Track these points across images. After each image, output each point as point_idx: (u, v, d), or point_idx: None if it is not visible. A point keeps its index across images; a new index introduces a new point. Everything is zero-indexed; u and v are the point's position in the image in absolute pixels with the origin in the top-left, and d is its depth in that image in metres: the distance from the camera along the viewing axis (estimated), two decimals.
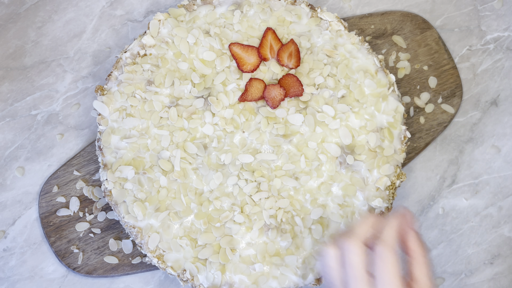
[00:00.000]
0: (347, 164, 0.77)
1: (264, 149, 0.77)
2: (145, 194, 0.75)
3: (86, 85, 0.87)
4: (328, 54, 0.79)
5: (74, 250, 0.82)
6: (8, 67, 0.87)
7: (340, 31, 0.80)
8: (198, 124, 0.77)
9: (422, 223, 0.85)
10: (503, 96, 0.88)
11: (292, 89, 0.77)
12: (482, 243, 0.84)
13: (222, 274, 0.74)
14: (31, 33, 0.88)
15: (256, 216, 0.75)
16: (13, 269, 0.83)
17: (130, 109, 0.77)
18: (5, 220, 0.84)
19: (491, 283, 0.83)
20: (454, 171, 0.86)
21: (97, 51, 0.88)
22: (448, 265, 0.84)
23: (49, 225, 0.82)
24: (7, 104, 0.86)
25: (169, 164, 0.76)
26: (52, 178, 0.83)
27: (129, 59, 0.78)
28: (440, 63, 0.86)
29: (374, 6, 0.89)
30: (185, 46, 0.78)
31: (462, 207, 0.85)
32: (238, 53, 0.78)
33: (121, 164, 0.76)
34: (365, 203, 0.76)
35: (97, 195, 0.83)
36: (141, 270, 0.82)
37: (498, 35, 0.89)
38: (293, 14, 0.80)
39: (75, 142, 0.86)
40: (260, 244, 0.75)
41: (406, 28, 0.87)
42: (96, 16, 0.89)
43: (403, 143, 0.78)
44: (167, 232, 0.75)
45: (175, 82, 0.78)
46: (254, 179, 0.76)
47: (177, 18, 0.79)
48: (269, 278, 0.75)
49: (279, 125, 0.77)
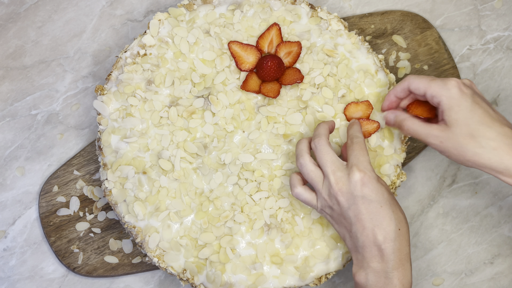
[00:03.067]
0: None
1: (264, 149, 0.77)
2: (145, 194, 0.75)
3: (86, 85, 0.87)
4: (328, 53, 0.79)
5: (74, 250, 0.82)
6: (8, 67, 0.87)
7: (340, 30, 0.80)
8: (198, 123, 0.77)
9: (422, 222, 0.85)
10: (503, 95, 0.88)
11: (293, 77, 0.77)
12: (482, 242, 0.84)
13: (222, 274, 0.74)
14: (31, 33, 0.88)
15: (256, 216, 0.75)
16: (13, 269, 0.83)
17: (130, 109, 0.77)
18: (5, 220, 0.84)
19: (491, 283, 0.83)
20: (454, 170, 0.86)
21: (97, 51, 0.88)
22: (448, 265, 0.84)
23: (49, 225, 0.82)
24: (7, 104, 0.86)
25: (169, 164, 0.76)
26: (52, 178, 0.83)
27: (129, 59, 0.78)
28: (440, 63, 0.86)
29: (374, 5, 0.89)
30: (185, 45, 0.78)
31: (462, 207, 0.85)
32: (237, 51, 0.78)
33: (121, 164, 0.76)
34: None
35: (97, 194, 0.83)
36: (141, 270, 0.82)
37: (498, 35, 0.89)
38: (293, 13, 0.80)
39: (75, 142, 0.86)
40: (260, 244, 0.75)
41: (406, 28, 0.87)
42: (96, 15, 0.89)
43: (403, 142, 0.78)
44: (167, 232, 0.75)
45: (175, 82, 0.77)
46: (254, 178, 0.76)
47: (177, 17, 0.79)
48: (269, 278, 0.75)
49: (279, 124, 0.77)
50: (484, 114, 0.65)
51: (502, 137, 0.64)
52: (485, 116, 0.65)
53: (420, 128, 0.69)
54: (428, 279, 0.83)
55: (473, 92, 0.68)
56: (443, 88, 0.67)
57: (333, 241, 0.75)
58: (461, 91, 0.67)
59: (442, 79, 0.68)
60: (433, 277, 0.83)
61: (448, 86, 0.67)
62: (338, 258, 0.75)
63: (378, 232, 0.65)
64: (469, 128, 0.65)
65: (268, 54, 0.78)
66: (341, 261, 0.75)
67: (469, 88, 0.68)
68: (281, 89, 0.78)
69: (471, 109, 0.65)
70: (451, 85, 0.67)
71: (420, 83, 0.69)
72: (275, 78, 0.77)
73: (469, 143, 0.65)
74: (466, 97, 0.66)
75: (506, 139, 0.64)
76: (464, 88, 0.67)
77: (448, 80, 0.68)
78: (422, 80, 0.69)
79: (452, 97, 0.66)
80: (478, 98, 0.67)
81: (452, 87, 0.67)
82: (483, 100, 0.68)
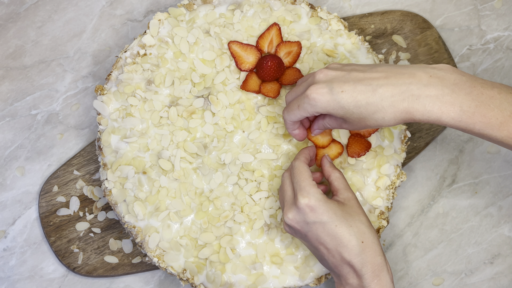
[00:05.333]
0: (347, 163, 0.77)
1: (264, 149, 0.77)
2: (145, 193, 0.75)
3: (86, 85, 0.87)
4: (328, 53, 0.79)
5: (74, 250, 0.82)
6: (8, 66, 0.87)
7: (340, 30, 0.80)
8: (198, 123, 0.77)
9: (422, 222, 0.85)
10: None
11: (293, 77, 0.77)
12: (482, 242, 0.84)
13: (222, 274, 0.74)
14: (31, 33, 0.88)
15: (256, 216, 0.75)
16: (13, 268, 0.83)
17: (130, 109, 0.77)
18: (5, 220, 0.84)
19: (491, 283, 0.83)
20: (454, 170, 0.86)
21: (97, 51, 0.88)
22: (448, 265, 0.84)
23: (49, 224, 0.82)
24: (7, 104, 0.86)
25: (169, 163, 0.76)
26: (52, 177, 0.83)
27: (129, 58, 0.78)
28: (440, 63, 0.86)
29: (374, 5, 0.89)
30: (185, 45, 0.78)
31: (462, 207, 0.85)
32: (237, 51, 0.78)
33: (121, 163, 0.76)
34: (365, 203, 0.76)
35: (97, 194, 0.83)
36: (141, 270, 0.82)
37: (498, 35, 0.89)
38: (293, 13, 0.80)
39: (75, 142, 0.86)
40: (260, 244, 0.75)
41: (406, 28, 0.87)
42: (96, 15, 0.89)
43: (403, 142, 0.78)
44: (167, 232, 0.75)
45: (175, 82, 0.77)
46: (254, 178, 0.76)
47: (177, 17, 0.79)
48: (269, 278, 0.75)
49: (279, 124, 0.77)
50: (354, 94, 0.62)
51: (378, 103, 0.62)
52: (355, 95, 0.62)
53: (333, 124, 0.68)
54: (428, 279, 0.83)
55: (331, 78, 0.65)
56: (310, 105, 0.65)
57: None
58: (320, 93, 0.64)
59: (302, 95, 0.66)
60: (433, 277, 0.83)
61: (310, 100, 0.64)
62: None
63: (342, 251, 0.64)
64: (354, 116, 0.63)
65: (268, 54, 0.78)
66: None
67: (328, 75, 0.65)
68: (281, 89, 0.78)
69: (339, 102, 0.63)
70: (311, 97, 0.64)
71: (294, 116, 0.67)
72: (275, 78, 0.77)
73: (365, 123, 0.64)
74: (327, 96, 0.63)
75: (383, 101, 0.61)
76: (320, 88, 0.64)
77: (307, 91, 0.65)
78: (294, 112, 0.67)
79: (321, 106, 0.64)
80: (339, 80, 0.64)
81: (313, 98, 0.64)
82: (346, 75, 0.64)
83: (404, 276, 0.83)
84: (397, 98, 0.61)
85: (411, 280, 0.83)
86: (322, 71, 0.66)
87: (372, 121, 0.63)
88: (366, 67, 0.65)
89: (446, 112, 0.60)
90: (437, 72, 0.62)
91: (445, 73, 0.62)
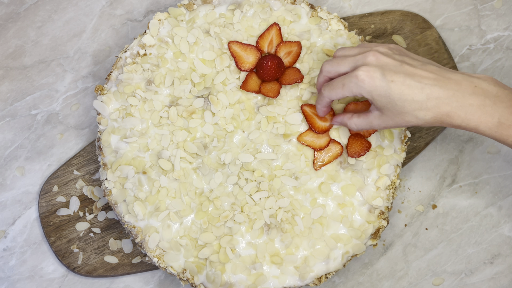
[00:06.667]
0: (347, 163, 0.77)
1: (264, 149, 0.77)
2: (145, 193, 0.75)
3: (86, 85, 0.87)
4: (328, 53, 0.79)
5: (74, 250, 0.82)
6: (8, 66, 0.87)
7: (340, 30, 0.80)
8: (198, 123, 0.77)
9: (422, 222, 0.85)
10: None
11: (293, 77, 0.77)
12: (482, 242, 0.84)
13: (222, 274, 0.74)
14: (31, 33, 0.88)
15: (256, 216, 0.75)
16: (13, 268, 0.83)
17: (130, 109, 0.77)
18: (5, 220, 0.84)
19: (491, 283, 0.83)
20: (454, 170, 0.86)
21: (97, 51, 0.88)
22: (448, 265, 0.84)
23: (49, 224, 0.82)
24: (7, 104, 0.86)
25: (169, 163, 0.76)
26: (52, 177, 0.83)
27: (129, 58, 0.78)
28: (440, 63, 0.86)
29: (374, 5, 0.89)
30: (185, 45, 0.78)
31: (462, 207, 0.85)
32: (237, 51, 0.78)
33: (121, 163, 0.76)
34: (365, 203, 0.76)
35: (97, 194, 0.83)
36: (141, 270, 0.82)
37: (498, 35, 0.89)
38: (293, 13, 0.80)
39: (75, 142, 0.86)
40: (260, 244, 0.75)
41: (406, 28, 0.87)
42: (96, 15, 0.89)
43: (403, 142, 0.78)
44: (167, 232, 0.75)
45: (175, 82, 0.77)
46: (254, 178, 0.76)
47: (177, 17, 0.79)
48: (269, 278, 0.75)
49: (279, 124, 0.77)
50: (402, 87, 0.65)
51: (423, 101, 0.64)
52: (403, 89, 0.65)
53: (362, 123, 0.71)
54: (428, 279, 0.83)
55: (383, 64, 0.66)
56: (357, 85, 0.66)
57: (333, 241, 0.75)
58: (371, 77, 0.65)
59: (350, 74, 0.67)
60: (433, 277, 0.83)
61: (359, 81, 0.66)
62: (338, 258, 0.75)
63: None
64: (396, 108, 0.66)
65: (268, 54, 0.78)
66: (341, 261, 0.75)
67: (380, 60, 0.67)
68: (281, 89, 0.78)
69: (387, 91, 0.65)
70: (360, 77, 0.66)
71: (336, 94, 0.69)
72: (275, 78, 0.77)
73: (403, 119, 0.66)
74: (378, 81, 0.65)
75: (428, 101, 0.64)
76: (372, 72, 0.65)
77: (357, 71, 0.66)
78: (337, 91, 0.68)
79: (368, 89, 0.66)
80: (390, 69, 0.66)
81: (362, 79, 0.66)
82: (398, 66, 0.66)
83: (404, 276, 0.83)
84: (443, 101, 0.64)
85: (411, 280, 0.83)
86: (375, 54, 0.67)
87: (412, 118, 0.66)
88: (416, 62, 0.67)
89: (484, 122, 0.64)
90: (482, 83, 0.65)
91: (488, 85, 0.65)
